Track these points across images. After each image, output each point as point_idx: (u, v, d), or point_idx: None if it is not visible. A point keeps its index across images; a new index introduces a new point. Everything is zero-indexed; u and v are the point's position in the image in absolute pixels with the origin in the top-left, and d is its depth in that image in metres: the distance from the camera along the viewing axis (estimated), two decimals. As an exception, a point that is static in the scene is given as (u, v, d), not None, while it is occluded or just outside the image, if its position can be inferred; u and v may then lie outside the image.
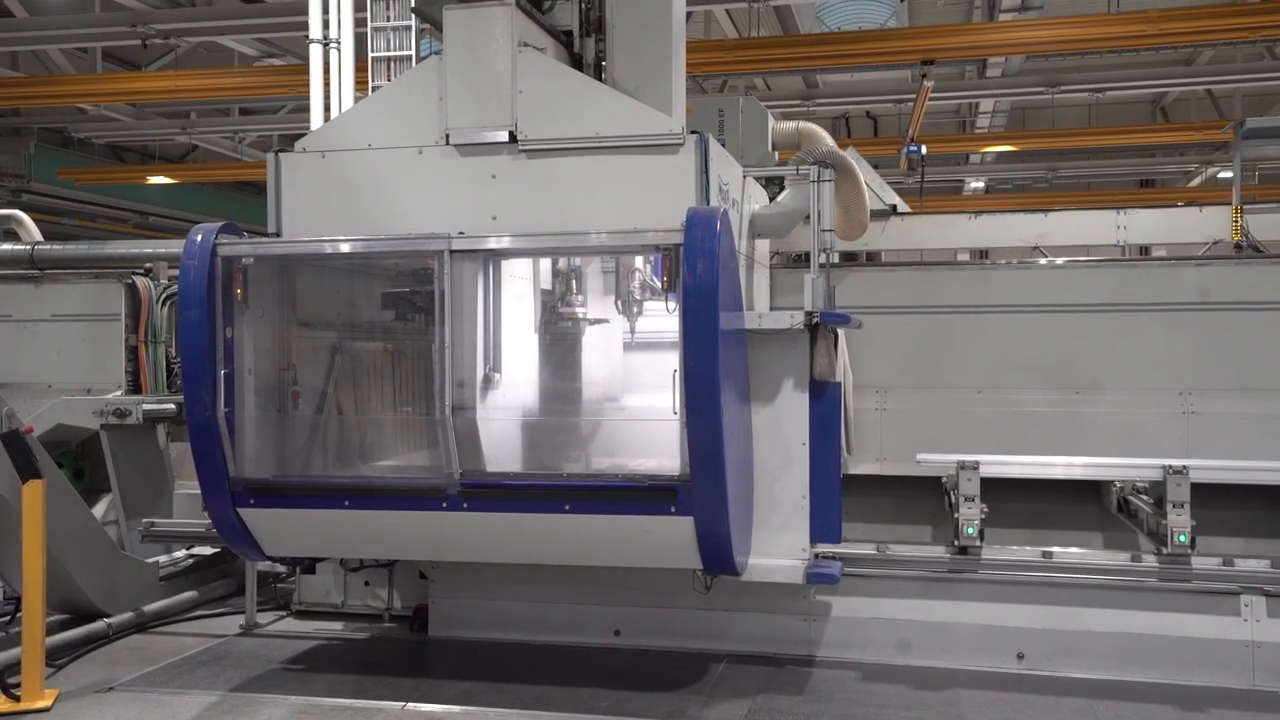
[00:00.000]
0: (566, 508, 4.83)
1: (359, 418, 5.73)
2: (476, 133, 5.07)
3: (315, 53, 8.82)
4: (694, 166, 4.88)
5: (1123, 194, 18.85)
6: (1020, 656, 5.44)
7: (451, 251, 4.89)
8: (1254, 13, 10.06)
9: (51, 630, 5.66)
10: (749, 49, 11.37)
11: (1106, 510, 6.12)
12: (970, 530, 5.30)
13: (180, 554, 7.12)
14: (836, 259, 7.04)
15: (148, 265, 8.24)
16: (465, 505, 4.90)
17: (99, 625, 6.10)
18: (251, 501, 5.08)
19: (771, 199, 6.07)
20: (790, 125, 7.01)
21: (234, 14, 11.42)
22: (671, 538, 4.77)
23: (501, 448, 5.41)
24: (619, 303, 5.45)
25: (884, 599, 5.58)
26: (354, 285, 5.79)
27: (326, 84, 8.89)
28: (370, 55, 7.94)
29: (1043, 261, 6.84)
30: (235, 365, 5.04)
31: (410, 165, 5.15)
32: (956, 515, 5.36)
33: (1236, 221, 7.34)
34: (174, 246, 9.61)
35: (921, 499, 6.39)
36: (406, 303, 5.58)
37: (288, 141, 17.99)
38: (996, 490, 5.50)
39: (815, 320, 5.19)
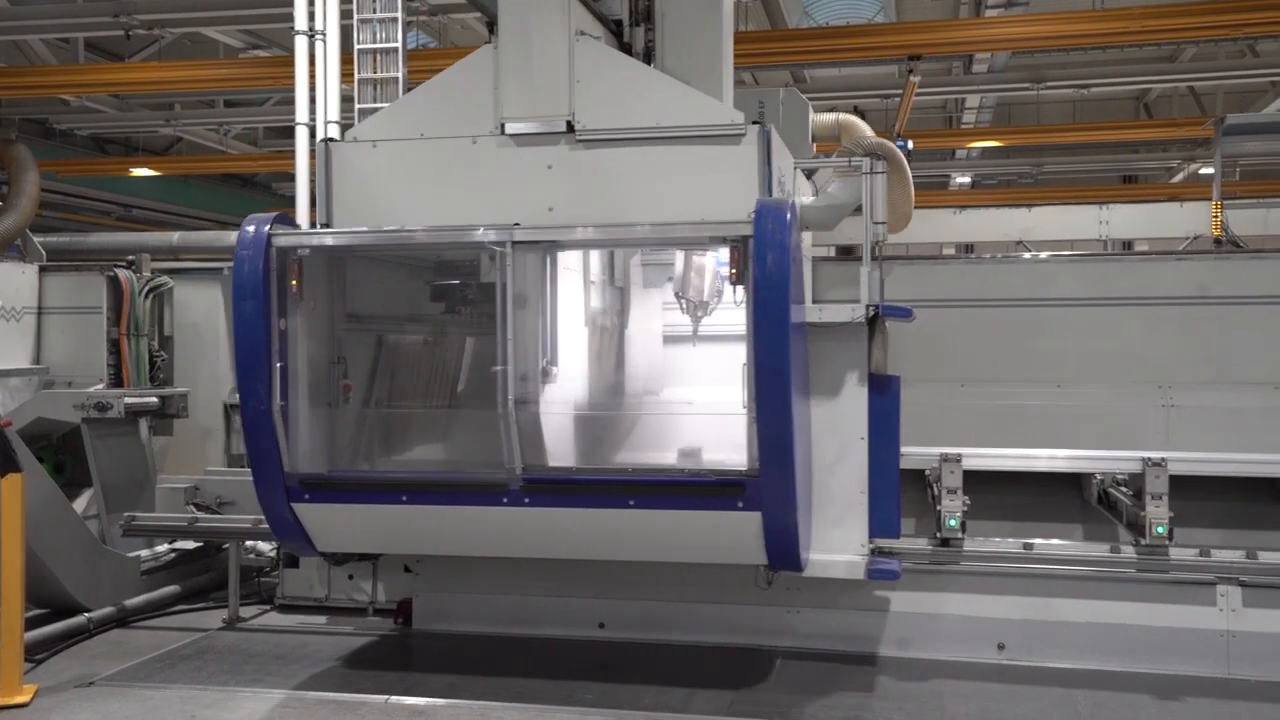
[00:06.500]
0: (631, 503, 4.77)
1: (412, 412, 5.63)
2: (532, 122, 5.01)
3: (301, 44, 8.76)
4: (756, 157, 4.82)
5: (1106, 190, 18.93)
6: (1001, 647, 5.48)
7: (514, 243, 4.81)
8: (1236, 10, 10.10)
9: (30, 625, 5.62)
10: (737, 43, 11.14)
11: (1087, 502, 6.16)
12: (952, 522, 5.33)
13: (162, 548, 7.08)
14: (832, 253, 7.06)
15: (130, 257, 8.20)
16: (527, 500, 4.82)
17: (79, 620, 6.07)
18: (306, 497, 5.01)
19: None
20: (830, 117, 6.94)
21: (218, 5, 11.31)
22: (738, 533, 4.72)
23: (562, 442, 5.33)
24: (680, 297, 5.38)
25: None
26: (405, 277, 5.70)
27: (312, 76, 8.84)
28: (356, 47, 7.88)
29: (1026, 256, 6.87)
30: (288, 358, 4.96)
31: (464, 155, 5.08)
32: (939, 507, 5.39)
33: (1217, 217, 7.42)
34: (155, 238, 9.60)
35: (904, 491, 6.38)
36: (459, 295, 5.51)
37: (274, 134, 17.82)
38: (979, 483, 5.53)
39: (874, 313, 5.12)
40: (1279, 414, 5.92)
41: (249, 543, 6.76)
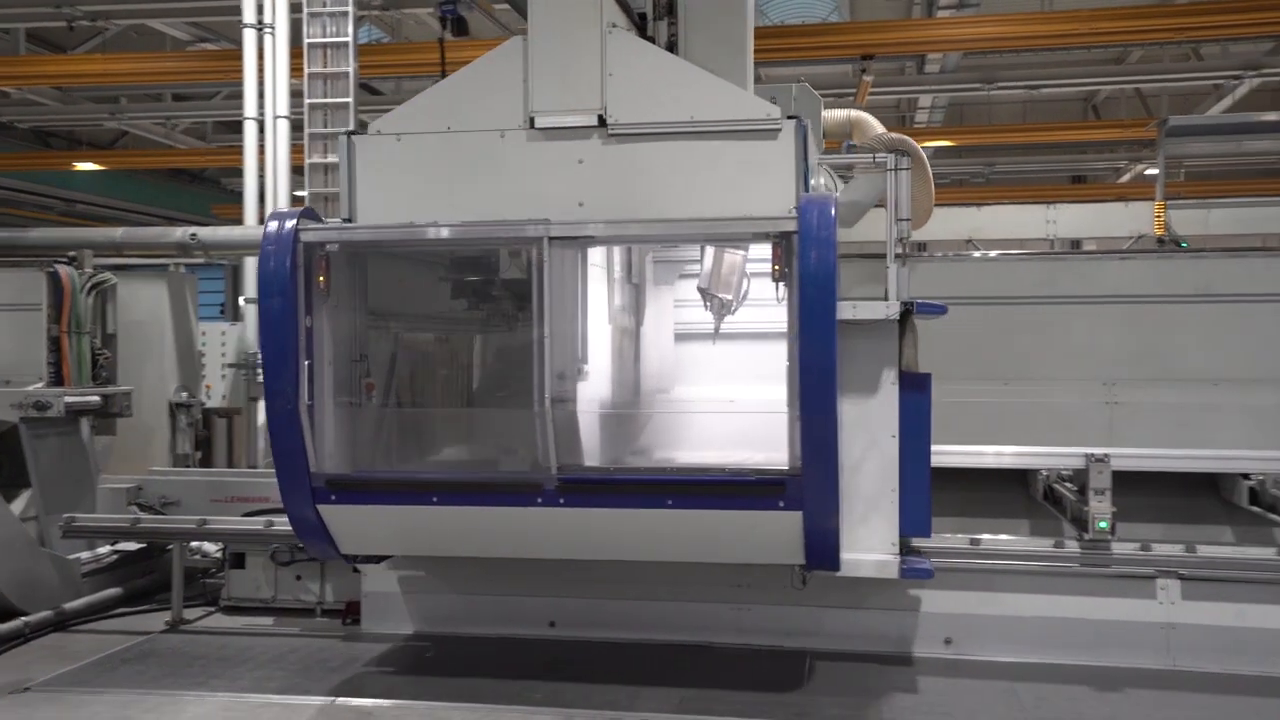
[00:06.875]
0: (669, 503, 4.69)
1: (440, 411, 5.50)
2: (563, 116, 4.88)
3: (249, 37, 8.61)
4: (794, 153, 4.74)
5: (1055, 189, 19.26)
6: (948, 641, 5.54)
7: (550, 238, 4.69)
8: (1181, 14, 10.35)
9: (-36, 630, 5.48)
10: (691, 41, 11.34)
11: (1033, 498, 6.25)
12: (900, 518, 5.36)
13: (104, 550, 6.93)
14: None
15: (71, 253, 8.00)
16: (562, 501, 4.72)
17: (15, 624, 5.91)
18: (332, 498, 4.87)
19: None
20: (842, 114, 6.87)
21: (164, -4, 11.11)
22: (778, 533, 4.66)
23: (595, 441, 5.23)
24: (706, 294, 5.27)
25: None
26: (431, 274, 5.57)
27: (260, 69, 8.68)
28: (306, 41, 7.78)
29: (975, 255, 6.96)
30: (314, 356, 4.82)
31: (492, 149, 4.94)
32: (887, 504, 5.41)
33: (1160, 217, 7.58)
34: (98, 234, 9.37)
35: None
36: (487, 292, 5.40)
37: (222, 128, 17.45)
38: (926, 479, 5.59)
39: (907, 310, 5.03)
40: (1218, 410, 6.07)
41: (193, 543, 6.64)
